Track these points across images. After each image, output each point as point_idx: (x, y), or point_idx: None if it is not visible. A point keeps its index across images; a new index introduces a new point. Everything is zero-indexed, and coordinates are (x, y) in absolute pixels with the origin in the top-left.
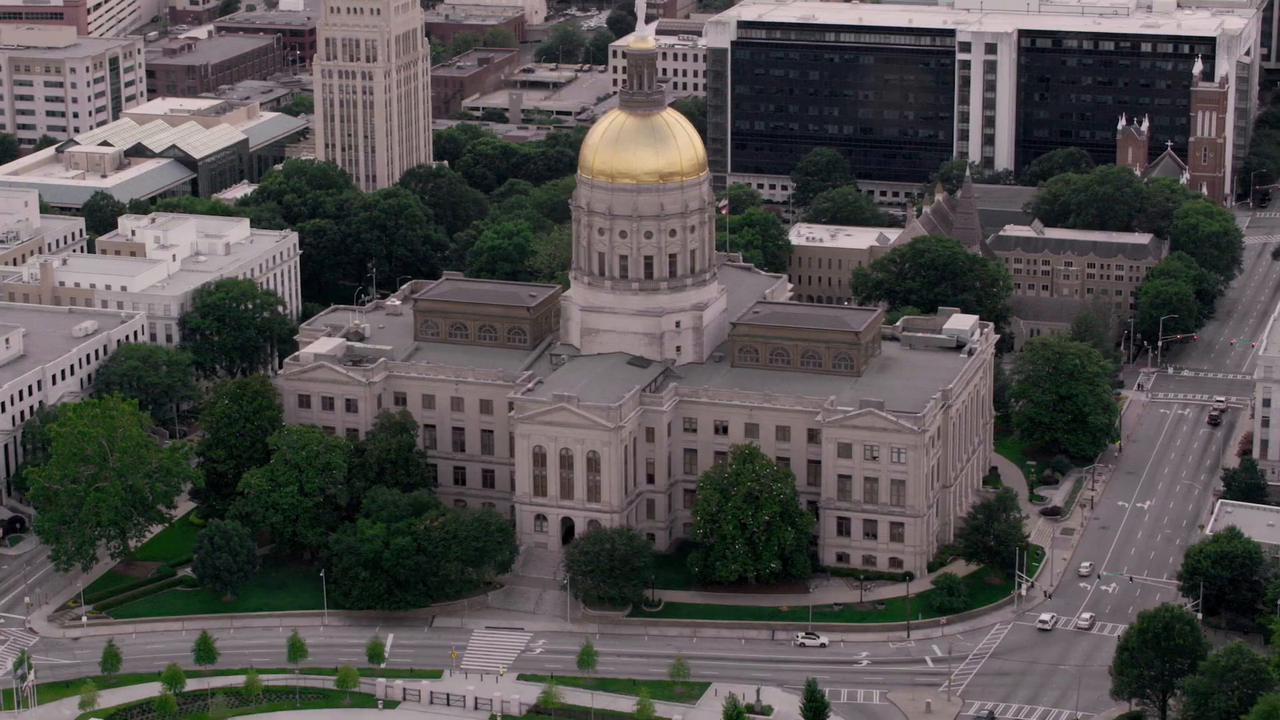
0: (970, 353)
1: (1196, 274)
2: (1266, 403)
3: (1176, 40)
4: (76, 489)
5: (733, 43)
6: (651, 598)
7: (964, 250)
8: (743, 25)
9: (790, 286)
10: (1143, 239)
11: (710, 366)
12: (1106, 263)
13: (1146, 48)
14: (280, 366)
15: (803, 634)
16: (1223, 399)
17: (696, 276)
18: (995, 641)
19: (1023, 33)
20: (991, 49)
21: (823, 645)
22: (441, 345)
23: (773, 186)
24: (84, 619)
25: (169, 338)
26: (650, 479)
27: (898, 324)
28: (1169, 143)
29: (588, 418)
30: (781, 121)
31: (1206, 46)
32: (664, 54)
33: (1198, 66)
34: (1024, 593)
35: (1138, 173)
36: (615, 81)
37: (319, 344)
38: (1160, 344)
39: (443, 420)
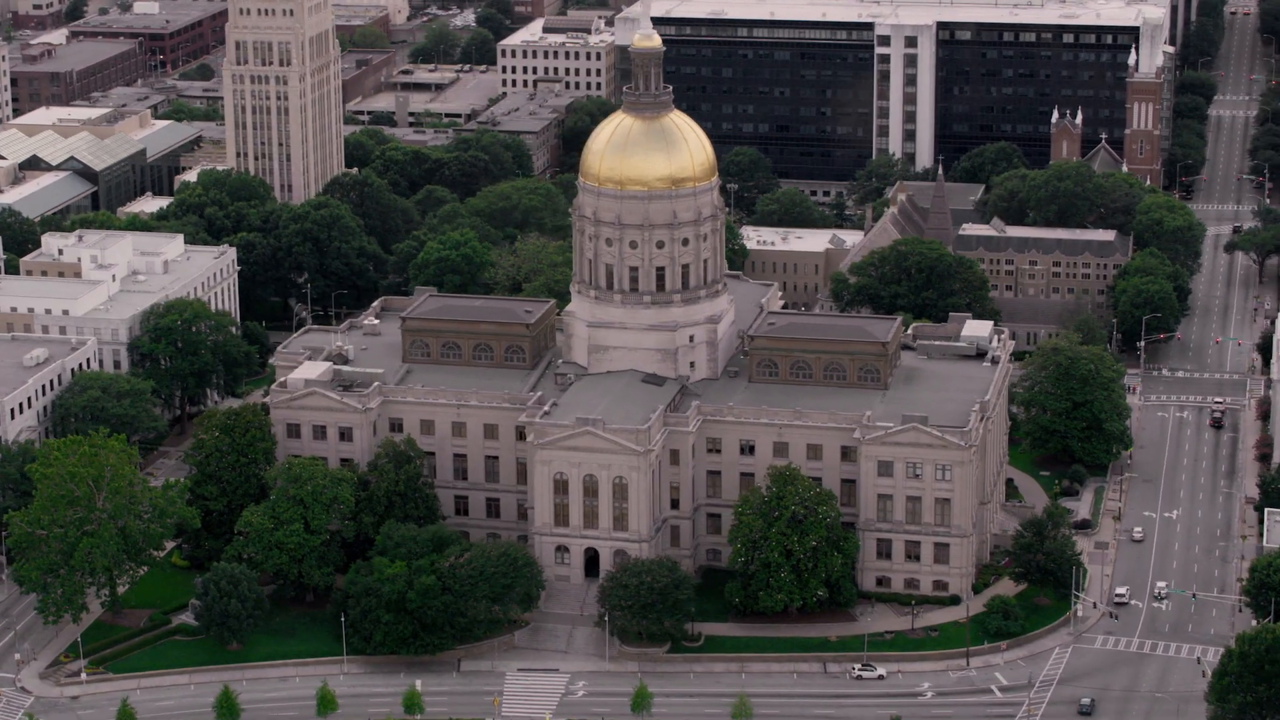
0: (994, 361)
1: (1172, 270)
2: None
3: (1099, 30)
4: (65, 534)
5: None
6: (691, 632)
7: (949, 252)
8: (652, 21)
9: (780, 295)
10: (1108, 235)
11: (726, 382)
12: (1073, 261)
13: (1068, 38)
14: (226, 392)
15: (859, 665)
16: (1221, 400)
17: (709, 287)
18: (1059, 667)
19: (941, 25)
20: (911, 42)
21: (881, 677)
22: (433, 367)
23: None
24: (83, 675)
25: (116, 364)
26: (675, 504)
27: (908, 332)
28: (1103, 135)
29: (615, 441)
30: (694, 120)
31: (1129, 36)
32: (554, 53)
33: (1133, 57)
34: (1080, 613)
35: None
36: (505, 82)
37: (305, 368)
38: (1143, 344)
39: (443, 447)
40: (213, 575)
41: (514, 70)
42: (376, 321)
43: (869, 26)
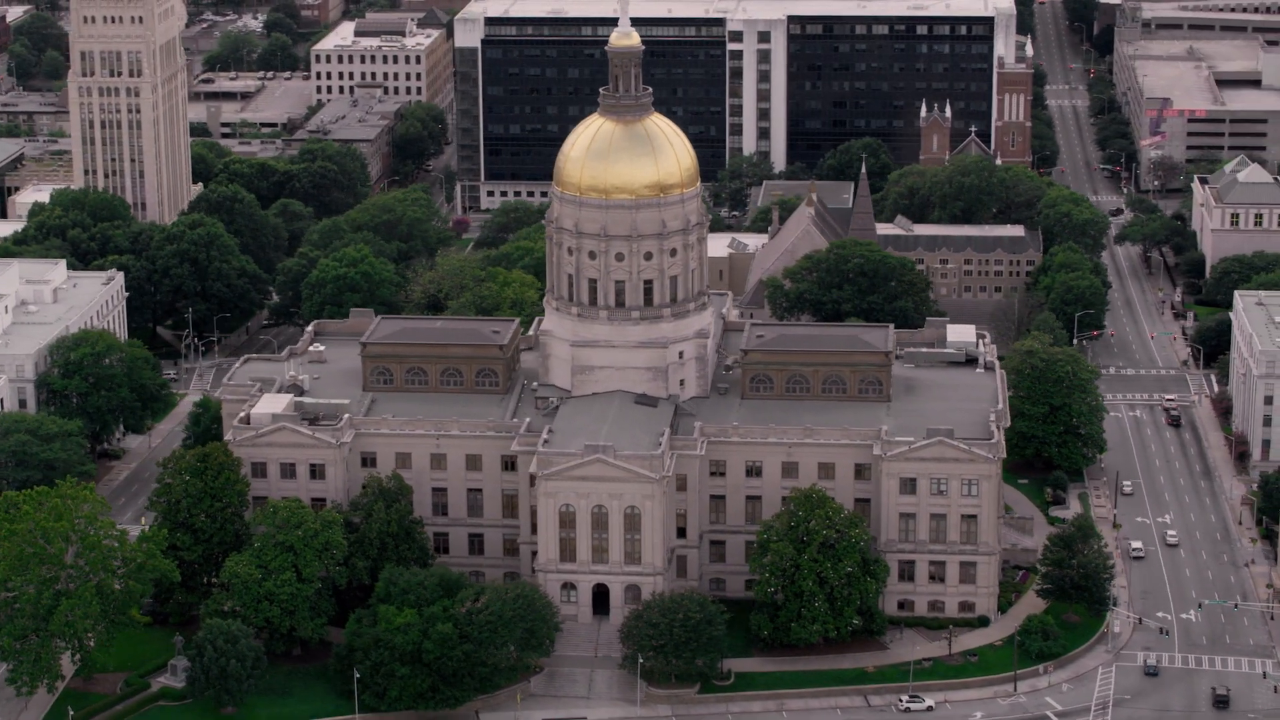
0: (989, 367)
1: (1094, 264)
2: (1268, 400)
3: (952, 22)
4: (37, 596)
5: (483, 41)
6: (721, 669)
7: (890, 254)
8: (491, 22)
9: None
10: (1017, 231)
11: (717, 400)
12: (984, 258)
13: (921, 30)
14: (128, 429)
15: (905, 697)
16: (1172, 398)
17: (697, 300)
18: (1109, 687)
19: (792, 19)
20: (764, 38)
21: (930, 709)
22: (399, 395)
23: (530, 194)
24: None
25: (22, 403)
26: (681, 532)
27: None
28: (973, 128)
29: (627, 469)
30: (539, 124)
31: (983, 27)
32: (370, 57)
33: (1001, 48)
34: (1117, 629)
35: (947, 162)
36: (319, 89)
37: (265, 402)
38: (1077, 341)
39: (420, 481)
40: (207, 633)
41: (328, 76)
42: (322, 348)
43: (720, 22)
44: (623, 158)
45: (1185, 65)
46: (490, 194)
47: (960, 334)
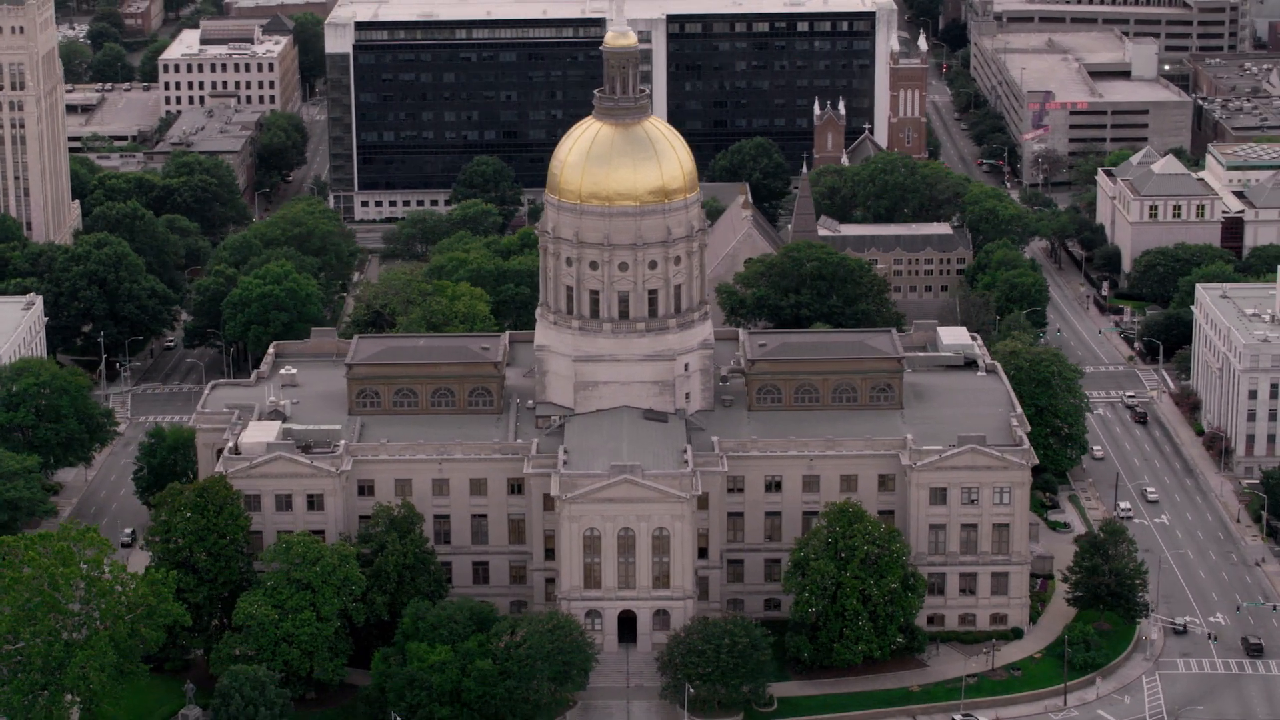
0: (989, 369)
1: (1031, 261)
2: (1252, 394)
3: (834, 18)
4: (47, 647)
5: (354, 46)
6: (765, 696)
7: (846, 256)
8: (362, 26)
9: None
10: (945, 229)
11: (723, 413)
12: (914, 257)
13: (803, 27)
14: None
15: (959, 716)
16: (1133, 394)
17: (700, 309)
18: (1158, 698)
19: (671, 18)
20: (644, 38)
21: None
22: (388, 418)
23: (407, 203)
24: None
25: None
26: (703, 552)
27: None
28: (866, 125)
29: (657, 489)
30: (415, 130)
31: (865, 23)
32: (221, 66)
33: (894, 43)
34: (1154, 636)
35: (845, 160)
36: (168, 99)
37: (254, 430)
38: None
39: (422, 507)
40: (232, 680)
41: (176, 86)
42: (295, 371)
43: (599, 23)
44: (624, 163)
45: (1053, 58)
46: (365, 204)
47: (953, 336)
